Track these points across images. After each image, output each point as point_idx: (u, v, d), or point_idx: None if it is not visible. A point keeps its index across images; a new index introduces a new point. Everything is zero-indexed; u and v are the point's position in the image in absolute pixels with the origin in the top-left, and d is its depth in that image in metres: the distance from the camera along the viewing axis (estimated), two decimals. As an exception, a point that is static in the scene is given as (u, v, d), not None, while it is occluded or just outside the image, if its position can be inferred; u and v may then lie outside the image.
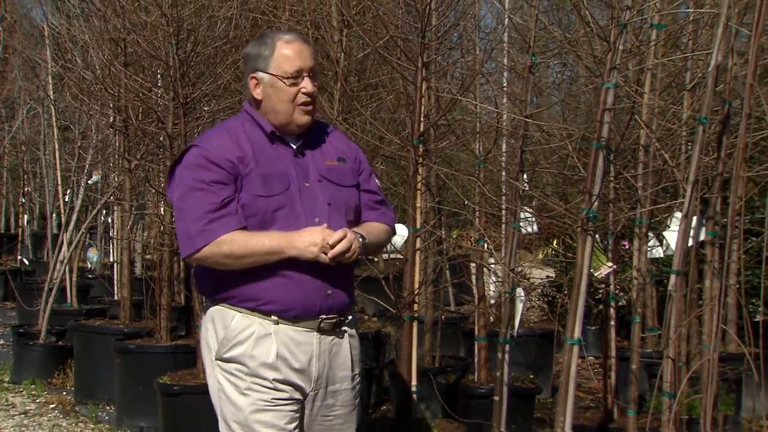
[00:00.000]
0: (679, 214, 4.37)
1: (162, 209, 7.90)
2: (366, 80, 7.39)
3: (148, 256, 11.60)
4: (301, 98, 3.44)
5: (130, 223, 9.58)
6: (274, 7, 7.40)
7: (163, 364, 6.97)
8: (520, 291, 6.04)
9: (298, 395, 3.44)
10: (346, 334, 3.57)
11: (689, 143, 5.68)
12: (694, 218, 4.32)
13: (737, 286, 6.16)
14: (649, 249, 6.52)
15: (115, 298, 9.92)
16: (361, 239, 3.43)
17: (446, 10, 6.22)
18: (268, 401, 3.37)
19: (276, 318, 3.38)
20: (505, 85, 6.92)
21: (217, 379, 3.46)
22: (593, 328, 9.44)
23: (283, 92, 3.43)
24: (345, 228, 3.38)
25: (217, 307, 3.47)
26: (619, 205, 5.59)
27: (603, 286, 6.81)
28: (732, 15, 3.92)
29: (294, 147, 3.51)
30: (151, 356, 7.24)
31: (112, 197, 9.85)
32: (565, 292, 8.75)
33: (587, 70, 6.16)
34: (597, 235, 4.79)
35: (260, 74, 3.45)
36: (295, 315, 3.39)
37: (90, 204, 10.64)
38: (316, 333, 3.43)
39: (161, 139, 7.25)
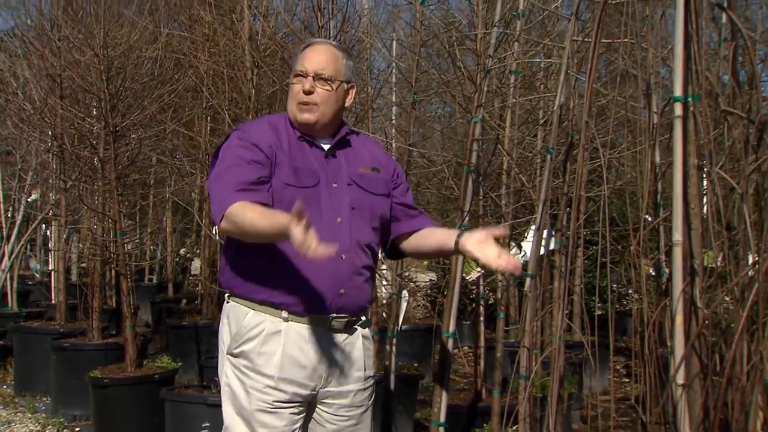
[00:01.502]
0: (533, 228, 4.50)
1: (94, 225, 7.82)
2: (275, 111, 7.40)
3: (83, 265, 11.44)
4: (300, 97, 3.11)
5: (65, 235, 9.47)
6: (195, 48, 7.38)
7: (94, 359, 6.90)
8: (405, 293, 6.15)
9: (304, 392, 3.07)
10: (360, 334, 3.19)
11: (541, 169, 5.85)
12: (545, 231, 4.46)
13: (581, 286, 6.37)
14: (512, 255, 6.70)
15: (53, 302, 9.76)
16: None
17: (343, 54, 6.28)
18: (269, 403, 3.02)
19: (286, 314, 3.02)
20: (393, 118, 7.05)
21: (226, 372, 3.13)
22: (467, 323, 9.44)
23: (291, 90, 3.15)
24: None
25: (232, 303, 3.14)
26: (486, 220, 5.71)
27: (474, 287, 6.98)
28: (572, 65, 4.08)
29: (325, 149, 3.17)
30: (83, 353, 7.16)
31: (49, 213, 9.74)
32: (444, 293, 8.89)
33: (460, 107, 6.31)
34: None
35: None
36: (305, 310, 3.03)
37: (30, 219, 10.47)
38: (326, 331, 3.07)
39: (94, 162, 7.18)
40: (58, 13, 7.54)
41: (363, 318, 3.21)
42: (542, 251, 4.43)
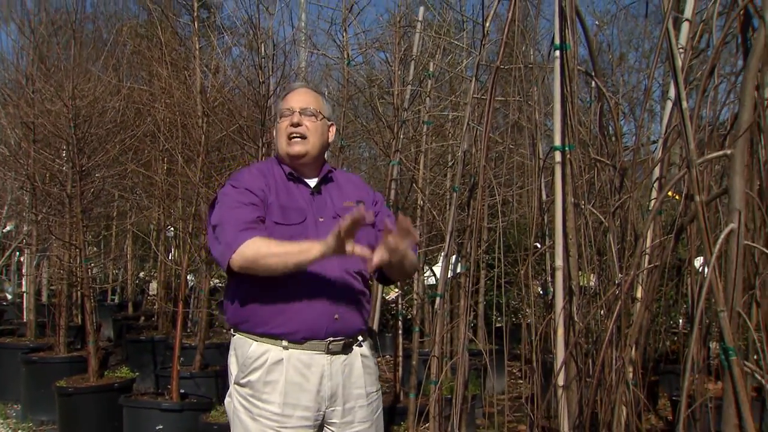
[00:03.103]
0: (443, 254, 4.55)
1: (62, 252, 7.68)
2: (222, 155, 7.38)
3: (52, 287, 11.20)
4: (288, 129, 2.93)
5: (35, 262, 9.28)
6: (153, 99, 7.32)
7: (60, 371, 6.74)
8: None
9: (310, 414, 2.82)
10: (358, 353, 2.94)
11: (449, 204, 5.94)
12: (453, 257, 4.53)
13: (483, 303, 6.47)
14: (426, 278, 6.76)
15: (24, 320, 9.52)
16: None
17: (280, 105, 6.30)
18: (275, 430, 2.78)
19: (286, 342, 2.81)
20: (325, 160, 7.05)
21: (233, 402, 2.89)
22: (389, 335, 9.38)
23: (278, 129, 2.98)
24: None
25: (237, 336, 2.90)
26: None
27: (394, 305, 7.02)
28: (473, 118, 4.17)
29: (311, 186, 2.98)
30: (50, 365, 6.97)
31: (23, 242, 9.53)
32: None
33: (381, 151, 6.38)
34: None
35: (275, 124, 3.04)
36: (302, 337, 2.80)
37: (5, 248, 10.23)
38: (325, 355, 2.83)
39: (62, 197, 7.07)
40: (32, 69, 7.43)
41: (360, 338, 2.96)
42: (450, 274, 4.50)
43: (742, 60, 2.47)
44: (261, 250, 2.70)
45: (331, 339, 2.82)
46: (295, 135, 2.93)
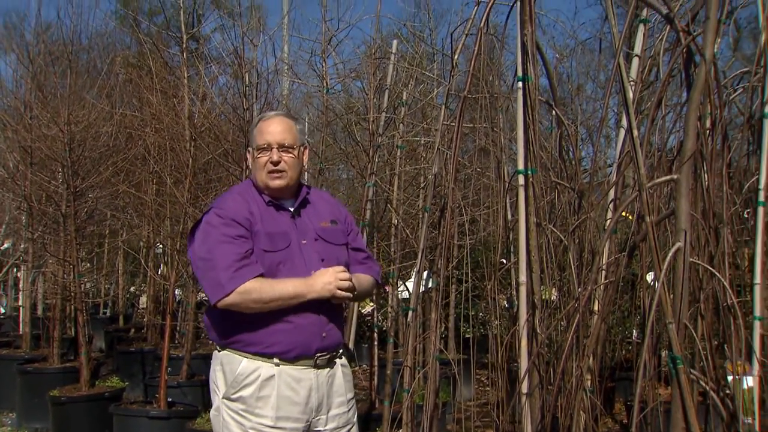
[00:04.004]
0: (415, 270, 4.56)
1: (57, 269, 7.61)
2: (209, 177, 7.36)
3: (47, 301, 11.08)
4: (268, 167, 2.88)
5: (31, 278, 9.19)
6: (143, 125, 7.30)
7: (54, 381, 6.66)
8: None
9: (299, 425, 2.82)
10: (339, 365, 2.97)
11: (421, 223, 5.94)
12: (425, 273, 4.55)
13: (454, 315, 6.47)
14: (399, 292, 6.77)
15: (20, 333, 9.40)
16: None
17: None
18: None
19: (278, 360, 2.79)
20: (306, 181, 7.05)
21: (222, 416, 2.83)
22: (365, 345, 9.36)
23: (256, 162, 2.91)
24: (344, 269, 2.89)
25: (225, 352, 2.86)
26: (379, 264, 5.77)
27: (369, 318, 7.01)
28: (443, 143, 4.20)
29: (291, 210, 2.95)
30: (44, 375, 6.89)
31: (19, 259, 9.43)
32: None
33: (358, 174, 6.39)
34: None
35: (250, 149, 2.98)
36: (295, 356, 2.81)
37: (2, 264, 10.12)
38: (313, 369, 2.85)
39: (57, 217, 7.01)
40: (30, 96, 7.40)
41: (340, 351, 2.99)
42: (422, 289, 4.51)
43: (686, 93, 2.52)
44: (253, 296, 2.72)
45: (319, 355, 2.85)
46: (275, 172, 2.89)
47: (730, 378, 2.77)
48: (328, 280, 2.80)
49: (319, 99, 7.15)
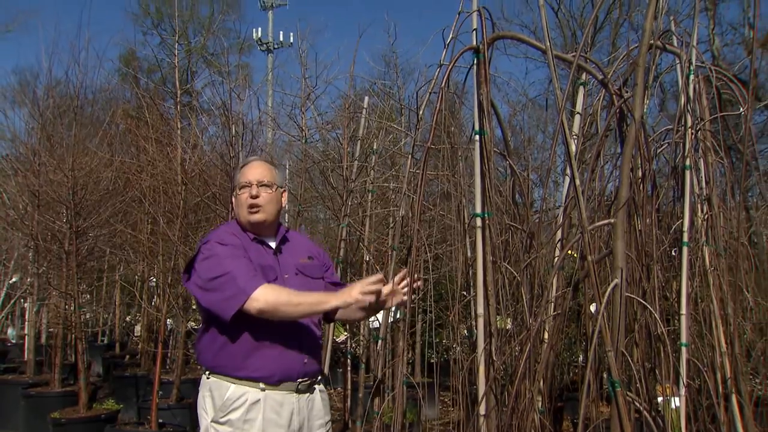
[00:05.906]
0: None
1: (59, 300, 7.49)
2: (198, 217, 7.32)
3: (51, 330, 10.88)
4: (248, 201, 2.83)
5: (35, 309, 9.03)
6: (140, 170, 7.27)
7: (55, 404, 6.54)
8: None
9: None
10: (318, 389, 2.92)
11: (390, 260, 5.94)
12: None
13: (420, 342, 6.45)
14: (371, 322, 6.73)
15: (25, 359, 9.20)
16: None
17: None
18: None
19: (263, 385, 2.73)
20: (286, 223, 7.03)
21: None
22: (339, 370, 9.27)
23: (238, 199, 2.87)
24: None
25: (213, 378, 2.77)
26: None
27: (343, 345, 6.96)
28: (410, 188, 4.23)
29: (273, 247, 2.89)
30: (46, 399, 6.76)
31: (25, 292, 9.28)
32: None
33: (333, 215, 6.39)
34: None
35: (234, 193, 2.93)
36: (278, 380, 2.74)
37: (10, 296, 9.96)
38: (295, 394, 2.79)
39: (60, 254, 6.93)
40: (39, 145, 7.37)
41: (319, 377, 2.94)
42: (390, 319, 4.51)
43: (620, 147, 2.58)
44: (281, 298, 2.62)
45: (300, 380, 2.79)
46: (254, 206, 2.85)
47: (660, 399, 2.80)
48: (357, 288, 2.66)
49: (299, 147, 7.19)
